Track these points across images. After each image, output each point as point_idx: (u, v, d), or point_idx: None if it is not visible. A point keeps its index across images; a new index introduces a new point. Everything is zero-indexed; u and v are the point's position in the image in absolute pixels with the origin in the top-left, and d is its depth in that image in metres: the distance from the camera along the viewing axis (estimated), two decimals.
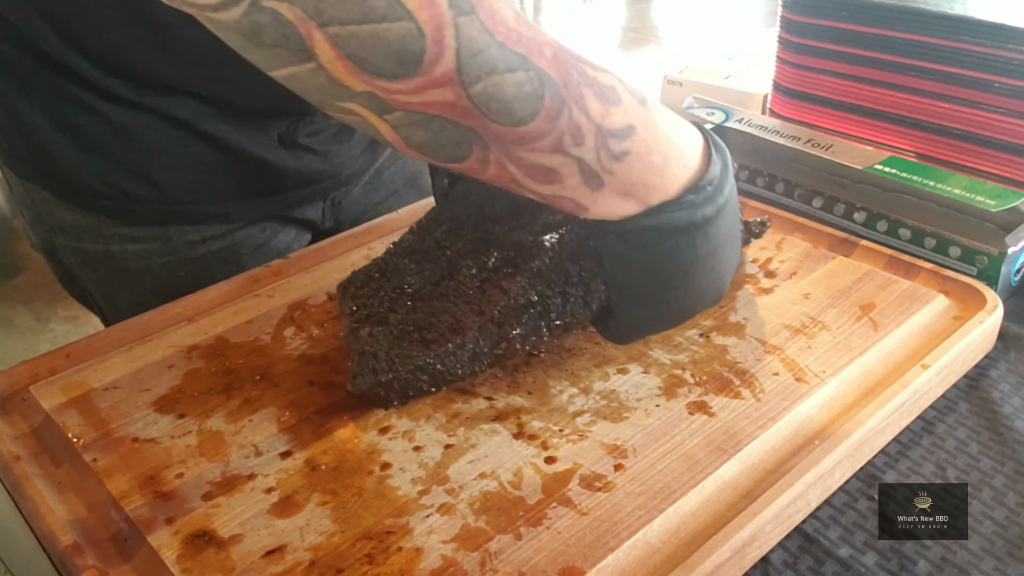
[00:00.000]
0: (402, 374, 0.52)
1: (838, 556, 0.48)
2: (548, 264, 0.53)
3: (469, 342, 0.52)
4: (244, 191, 0.75)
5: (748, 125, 0.85)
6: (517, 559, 0.44)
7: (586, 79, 0.42)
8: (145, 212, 0.71)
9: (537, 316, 0.53)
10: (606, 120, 0.42)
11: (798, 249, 0.69)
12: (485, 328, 0.52)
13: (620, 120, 0.43)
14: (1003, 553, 0.48)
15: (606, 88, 0.42)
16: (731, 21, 4.37)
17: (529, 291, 0.52)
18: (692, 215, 0.46)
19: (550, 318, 0.53)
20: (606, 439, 0.52)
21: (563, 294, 0.53)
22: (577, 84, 0.41)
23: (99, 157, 0.69)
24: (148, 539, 0.46)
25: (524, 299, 0.52)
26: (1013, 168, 0.79)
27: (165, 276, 0.73)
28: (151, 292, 0.73)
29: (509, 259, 0.55)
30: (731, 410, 0.53)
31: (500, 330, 0.52)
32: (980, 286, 0.63)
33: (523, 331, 0.53)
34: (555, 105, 0.40)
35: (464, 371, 0.53)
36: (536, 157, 0.42)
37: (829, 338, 0.59)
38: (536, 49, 0.40)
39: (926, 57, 0.80)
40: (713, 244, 0.47)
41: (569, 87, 0.41)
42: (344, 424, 0.53)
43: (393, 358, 0.53)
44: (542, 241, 0.53)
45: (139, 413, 0.55)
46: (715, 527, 0.46)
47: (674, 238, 0.46)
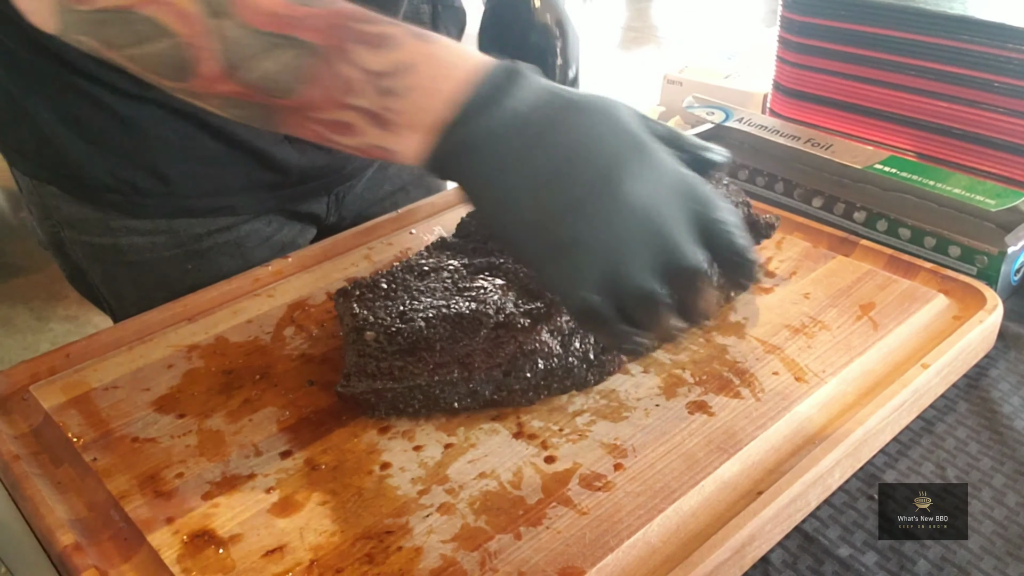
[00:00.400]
0: (399, 388, 0.52)
1: (838, 556, 0.48)
2: (568, 325, 0.54)
3: (472, 381, 0.52)
4: (249, 184, 0.75)
5: (748, 124, 0.85)
6: (517, 559, 0.44)
7: (356, 34, 0.45)
8: (151, 205, 0.72)
9: (544, 374, 0.53)
10: (378, 65, 0.45)
11: (798, 249, 0.69)
12: (491, 373, 0.52)
13: (394, 60, 0.45)
14: (1003, 552, 0.48)
15: (378, 37, 0.45)
16: (731, 21, 4.37)
17: (546, 347, 0.53)
18: (484, 125, 0.44)
19: (554, 378, 0.54)
20: (606, 438, 0.52)
21: (579, 358, 0.54)
22: (343, 41, 0.45)
23: (106, 150, 0.69)
24: (148, 539, 0.46)
25: (538, 355, 0.53)
26: (1013, 167, 0.79)
27: (171, 269, 0.74)
28: (157, 285, 0.74)
29: (532, 310, 0.56)
30: (731, 410, 0.53)
31: (505, 379, 0.52)
32: (980, 285, 0.63)
33: (523, 387, 0.53)
34: (317, 66, 0.45)
35: (459, 404, 0.53)
36: (326, 115, 0.46)
37: (829, 338, 0.59)
38: (300, 25, 0.45)
39: (926, 56, 0.80)
40: (527, 137, 0.44)
41: (331, 48, 0.45)
42: (344, 424, 0.53)
43: (395, 369, 0.53)
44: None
45: (139, 413, 0.55)
46: (715, 527, 0.46)
47: (479, 153, 0.44)
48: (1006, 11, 0.76)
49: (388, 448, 0.52)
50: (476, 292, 0.58)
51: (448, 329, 0.55)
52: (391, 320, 0.56)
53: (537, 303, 0.57)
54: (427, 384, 0.52)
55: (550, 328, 0.54)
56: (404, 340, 0.55)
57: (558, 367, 0.53)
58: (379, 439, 0.52)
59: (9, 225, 2.63)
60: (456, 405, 0.53)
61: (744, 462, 0.50)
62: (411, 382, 0.52)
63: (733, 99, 0.96)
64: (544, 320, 0.54)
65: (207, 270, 0.74)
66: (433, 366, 0.53)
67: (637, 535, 0.45)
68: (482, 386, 0.52)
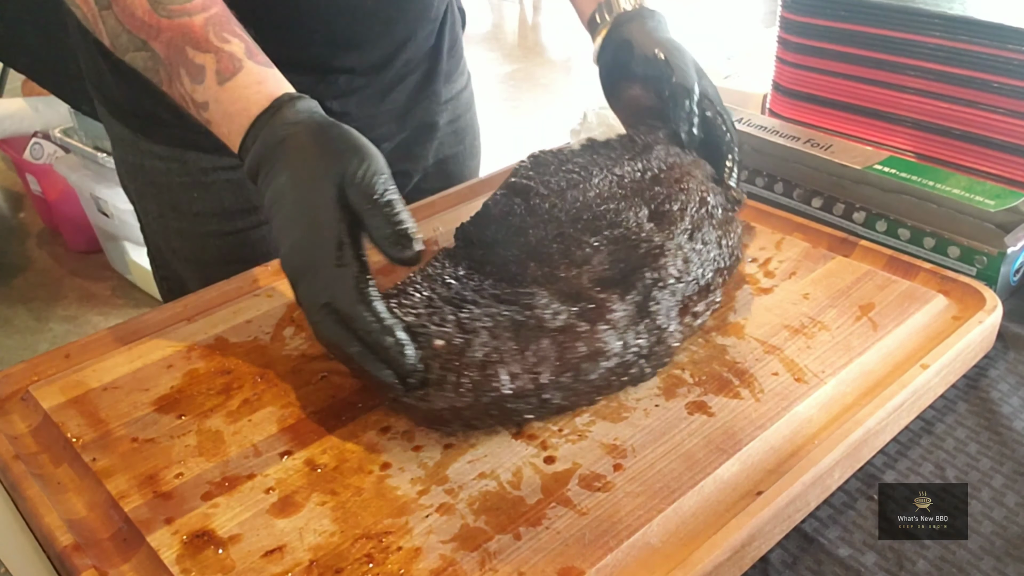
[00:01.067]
0: (480, 403, 0.50)
1: (837, 556, 0.48)
2: (623, 322, 0.54)
3: (544, 391, 0.51)
4: None
5: (748, 125, 0.85)
6: (516, 559, 0.44)
7: (185, 60, 0.55)
8: (166, 133, 0.78)
9: (607, 373, 0.53)
10: (195, 94, 0.56)
11: (797, 249, 0.69)
12: (560, 380, 0.51)
13: (201, 96, 0.56)
14: (1002, 553, 0.48)
15: (197, 69, 0.55)
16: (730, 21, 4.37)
17: (608, 347, 0.52)
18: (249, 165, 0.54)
19: (615, 375, 0.53)
20: (605, 439, 0.52)
21: (636, 353, 0.54)
22: (175, 64, 0.56)
23: (134, 84, 0.73)
24: (147, 539, 0.46)
25: (601, 356, 0.52)
26: (1012, 168, 0.79)
27: (181, 194, 0.81)
28: (171, 206, 0.82)
29: (584, 312, 0.54)
30: (730, 410, 0.53)
31: (573, 384, 0.52)
32: (979, 286, 0.63)
33: (588, 388, 0.53)
34: (166, 77, 0.57)
35: (532, 415, 0.52)
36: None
37: (828, 338, 0.59)
38: (154, 34, 0.56)
39: (925, 57, 0.80)
40: (266, 196, 0.53)
41: (172, 64, 0.56)
42: (343, 424, 0.53)
43: (472, 383, 0.50)
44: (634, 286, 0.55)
45: (138, 413, 0.55)
46: (714, 527, 0.46)
47: (257, 181, 0.54)
48: (1005, 11, 0.76)
49: (388, 448, 0.52)
50: (519, 298, 0.56)
51: (511, 339, 0.53)
52: (452, 331, 0.53)
53: (583, 303, 0.55)
54: (503, 398, 0.50)
55: (608, 327, 0.53)
56: (471, 352, 0.52)
57: (619, 365, 0.53)
58: (379, 439, 0.52)
59: (9, 225, 2.63)
60: (529, 416, 0.52)
61: (744, 462, 0.50)
62: (488, 396, 0.50)
63: (732, 99, 0.96)
64: (599, 320, 0.53)
65: (209, 201, 0.80)
66: (509, 377, 0.50)
67: (637, 535, 0.45)
68: (552, 394, 0.52)
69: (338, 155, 0.51)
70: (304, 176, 0.51)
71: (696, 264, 0.58)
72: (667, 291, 0.56)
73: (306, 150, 0.52)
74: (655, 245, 0.57)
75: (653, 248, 0.57)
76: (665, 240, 0.58)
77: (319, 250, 0.50)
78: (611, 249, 0.58)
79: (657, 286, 0.55)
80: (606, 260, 0.58)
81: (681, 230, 0.59)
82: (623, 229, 0.59)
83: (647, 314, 0.55)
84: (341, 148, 0.51)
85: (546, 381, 0.51)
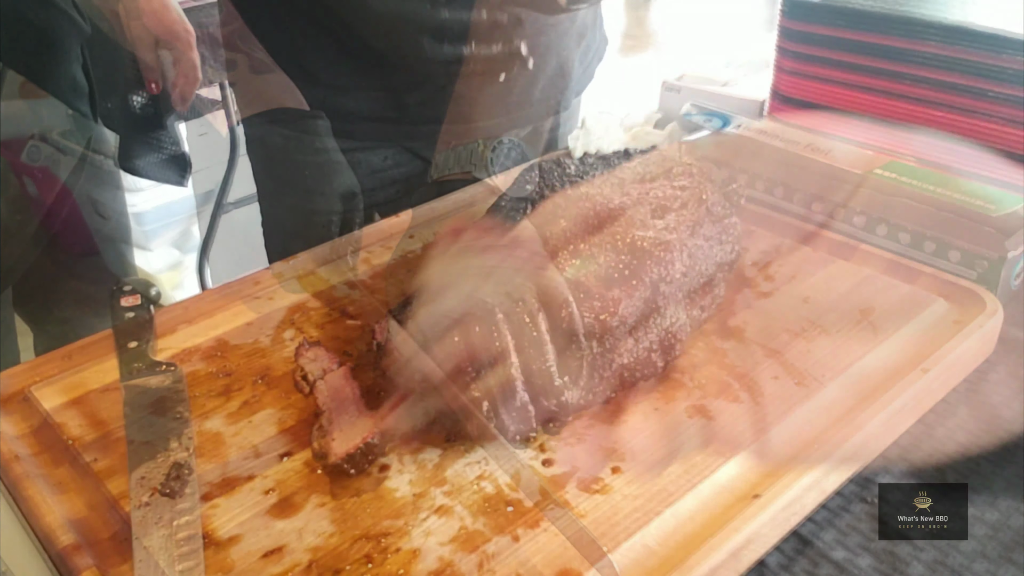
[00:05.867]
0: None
1: (833, 559, 0.48)
2: (628, 322, 0.54)
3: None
4: (370, 115, 0.87)
5: (747, 129, 0.85)
6: (515, 561, 0.44)
7: None
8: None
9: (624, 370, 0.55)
10: None
11: (797, 253, 0.69)
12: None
13: None
14: (995, 556, 0.48)
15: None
16: (729, 28, 4.38)
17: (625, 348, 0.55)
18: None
19: (627, 371, 0.55)
20: (604, 442, 0.52)
21: (646, 347, 0.55)
22: None
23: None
24: None
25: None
26: (1011, 175, 0.79)
27: (295, 171, 0.89)
28: (290, 173, 0.90)
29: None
30: (730, 414, 0.53)
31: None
32: (980, 290, 0.63)
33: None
34: None
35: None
36: None
37: (828, 342, 0.59)
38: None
39: (923, 65, 0.81)
40: None
41: None
42: None
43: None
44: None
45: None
46: (712, 530, 0.46)
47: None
48: (1003, 20, 0.77)
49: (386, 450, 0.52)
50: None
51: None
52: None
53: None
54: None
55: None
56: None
57: (632, 360, 0.55)
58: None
59: (5, 227, 2.63)
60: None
61: (741, 466, 0.50)
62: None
63: (731, 106, 0.96)
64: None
65: (320, 181, 0.88)
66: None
67: (634, 538, 0.45)
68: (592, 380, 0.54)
69: None
70: None
71: (699, 259, 0.60)
72: (673, 286, 0.57)
73: None
74: (659, 242, 0.58)
75: (657, 245, 0.58)
76: (668, 236, 0.59)
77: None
78: (616, 247, 0.59)
79: (664, 280, 0.56)
80: (611, 258, 0.58)
81: (683, 226, 0.60)
82: (626, 227, 0.60)
83: (655, 309, 0.56)
84: None
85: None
